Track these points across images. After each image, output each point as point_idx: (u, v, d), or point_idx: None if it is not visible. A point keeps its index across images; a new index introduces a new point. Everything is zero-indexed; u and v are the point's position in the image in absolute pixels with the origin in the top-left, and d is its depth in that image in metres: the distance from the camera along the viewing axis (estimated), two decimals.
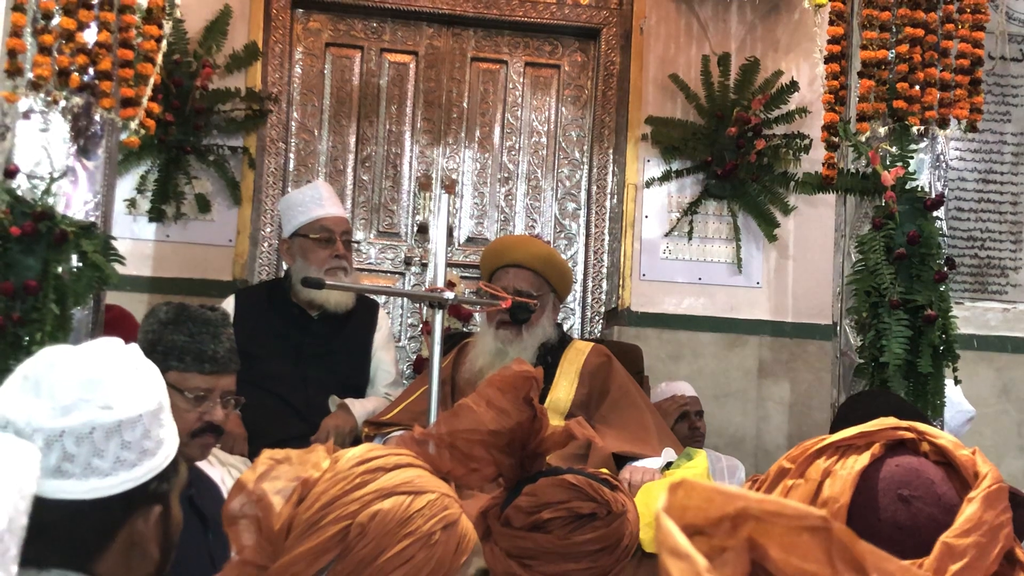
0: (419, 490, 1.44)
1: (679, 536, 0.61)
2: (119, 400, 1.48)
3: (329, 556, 1.37)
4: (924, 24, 3.41)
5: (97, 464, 1.44)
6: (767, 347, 4.84)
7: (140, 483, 1.49)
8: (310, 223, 3.80)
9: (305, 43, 5.04)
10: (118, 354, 1.54)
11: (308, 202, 3.86)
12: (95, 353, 1.52)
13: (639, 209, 4.86)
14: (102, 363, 1.50)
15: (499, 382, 1.69)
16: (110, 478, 1.46)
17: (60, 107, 3.15)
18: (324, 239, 3.77)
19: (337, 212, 3.88)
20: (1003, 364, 4.87)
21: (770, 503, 0.64)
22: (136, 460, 1.48)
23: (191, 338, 2.39)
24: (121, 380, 1.50)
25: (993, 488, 1.22)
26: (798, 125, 4.83)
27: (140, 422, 1.49)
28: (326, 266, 3.72)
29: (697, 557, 0.60)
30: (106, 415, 1.46)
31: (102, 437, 1.45)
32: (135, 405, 1.49)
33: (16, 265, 3.01)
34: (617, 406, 3.34)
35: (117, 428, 1.46)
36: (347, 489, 1.40)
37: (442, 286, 2.84)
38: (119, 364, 1.52)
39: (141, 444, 1.49)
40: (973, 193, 4.95)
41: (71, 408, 1.44)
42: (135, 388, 1.51)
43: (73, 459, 1.43)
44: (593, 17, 5.11)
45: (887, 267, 3.29)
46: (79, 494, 1.43)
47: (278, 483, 1.42)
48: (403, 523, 1.40)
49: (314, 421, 3.57)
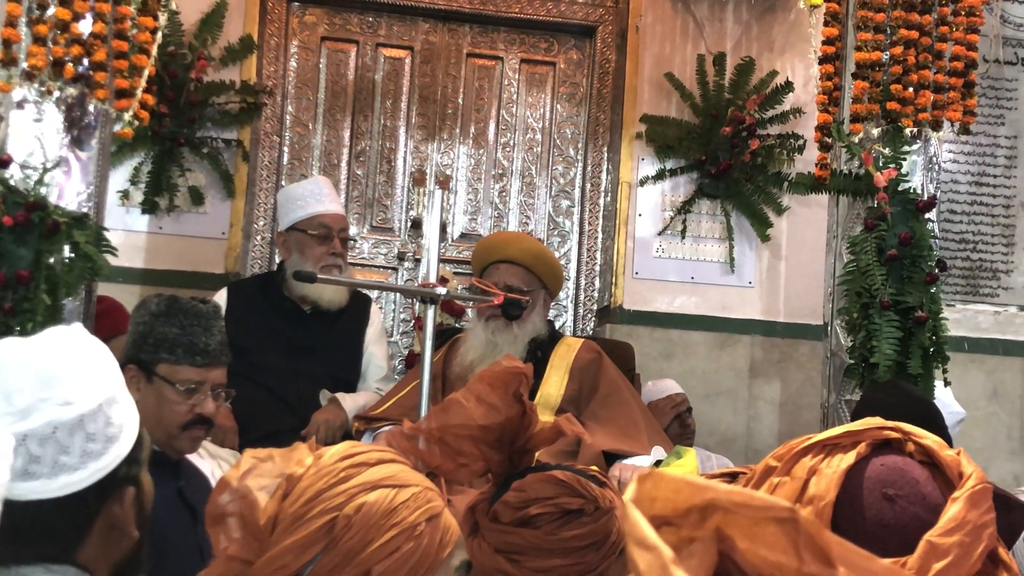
0: (403, 483, 1.45)
1: (646, 527, 0.62)
2: (77, 394, 1.45)
3: (315, 549, 1.37)
4: (919, 26, 3.42)
5: (64, 461, 1.43)
6: (759, 347, 4.85)
7: (110, 471, 1.48)
8: (309, 218, 3.79)
9: (300, 37, 5.04)
10: (69, 344, 1.50)
11: (308, 197, 3.85)
12: (46, 347, 1.48)
13: (633, 207, 4.87)
14: (55, 357, 1.46)
15: (489, 378, 1.70)
16: (80, 472, 1.44)
17: (54, 97, 3.14)
18: (322, 236, 3.76)
19: (336, 209, 3.88)
20: (994, 367, 4.89)
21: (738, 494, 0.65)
22: (102, 449, 1.47)
23: (183, 331, 2.39)
24: (76, 372, 1.47)
25: (977, 488, 1.23)
26: (792, 125, 4.84)
27: (100, 412, 1.47)
28: (322, 263, 3.71)
29: (664, 548, 0.61)
30: (66, 411, 1.43)
31: (65, 434, 1.43)
32: (93, 395, 1.47)
33: (8, 255, 3.01)
34: (607, 403, 3.35)
35: (79, 422, 1.44)
36: (332, 483, 1.41)
37: (435, 281, 2.85)
38: (72, 355, 1.49)
39: (105, 432, 1.47)
40: (966, 196, 4.96)
41: (30, 410, 1.41)
42: (91, 378, 1.48)
43: (39, 460, 1.41)
44: (589, 15, 5.11)
45: (879, 268, 3.30)
46: (51, 492, 1.42)
47: (262, 480, 1.42)
48: (388, 515, 1.40)
49: (305, 415, 3.57)
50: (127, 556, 1.54)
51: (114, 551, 1.51)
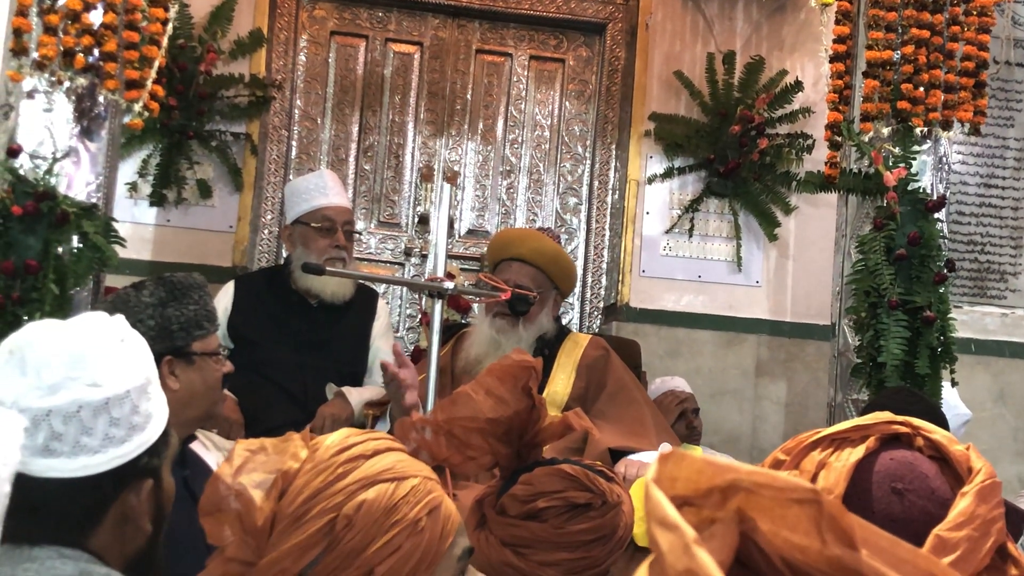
0: (401, 476, 1.43)
1: (668, 507, 0.61)
2: (106, 377, 1.45)
3: (317, 550, 1.36)
4: (930, 26, 3.42)
5: (86, 442, 1.43)
6: (765, 346, 4.85)
7: (130, 459, 1.48)
8: (312, 211, 3.79)
9: (310, 31, 5.04)
10: (104, 328, 1.51)
11: (312, 190, 3.85)
12: (81, 328, 1.49)
13: (640, 205, 4.86)
14: (88, 339, 1.47)
15: (498, 371, 1.70)
16: (99, 455, 1.44)
17: (64, 88, 3.15)
18: (326, 228, 3.76)
19: (340, 202, 3.86)
20: (1000, 369, 4.88)
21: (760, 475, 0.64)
22: (125, 436, 1.47)
23: (199, 304, 2.39)
24: (107, 355, 1.47)
25: (987, 483, 1.22)
26: (801, 125, 4.83)
27: (128, 398, 1.47)
28: (325, 255, 3.70)
29: (686, 528, 0.61)
30: (93, 393, 1.43)
31: (90, 415, 1.43)
32: (122, 381, 1.47)
33: (17, 244, 3.02)
34: (614, 400, 3.34)
35: (105, 405, 1.44)
36: (329, 480, 1.39)
37: (442, 276, 2.84)
38: (105, 339, 1.49)
39: (130, 420, 1.47)
40: (974, 197, 4.95)
41: (57, 387, 1.42)
42: (122, 363, 1.49)
43: (61, 438, 1.41)
44: (599, 12, 5.11)
45: (887, 268, 3.30)
46: (69, 472, 1.42)
47: (256, 476, 1.40)
48: (389, 512, 1.38)
49: (311, 408, 3.57)
50: (141, 551, 1.53)
51: (127, 544, 1.51)
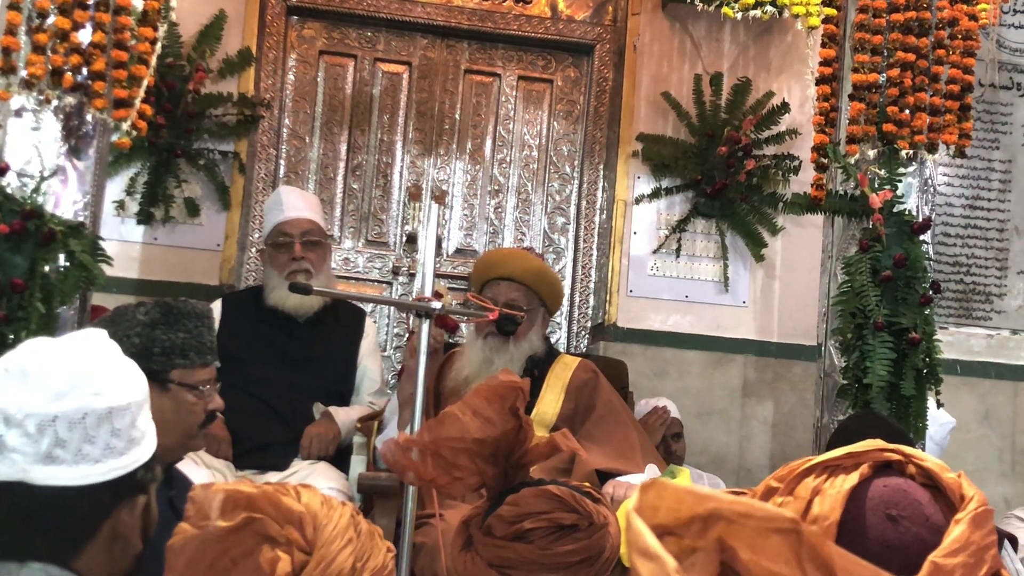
0: None
1: (649, 536, 0.61)
2: (109, 387, 1.49)
3: None
4: (916, 49, 3.44)
5: (88, 450, 1.45)
6: (752, 366, 4.85)
7: (128, 471, 1.50)
8: (271, 231, 3.79)
9: (299, 50, 5.05)
10: (103, 344, 1.56)
11: (271, 209, 3.84)
12: (82, 343, 1.54)
13: (628, 225, 4.87)
14: (91, 352, 1.52)
15: (486, 391, 1.70)
16: (100, 465, 1.46)
17: (52, 106, 3.15)
18: (282, 244, 3.74)
19: (295, 214, 3.77)
20: (986, 390, 4.89)
21: (740, 504, 0.64)
22: (124, 448, 1.50)
23: (190, 333, 2.37)
24: (109, 369, 1.52)
25: (980, 510, 1.23)
26: (788, 146, 4.86)
27: (128, 410, 1.51)
28: (286, 270, 3.68)
29: (667, 558, 0.60)
30: (98, 401, 1.47)
31: (94, 423, 1.46)
32: (124, 393, 1.51)
33: (3, 263, 3.01)
34: (602, 422, 3.34)
35: (108, 415, 1.47)
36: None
37: (429, 296, 2.84)
38: (106, 353, 1.54)
39: (129, 432, 1.51)
40: (960, 219, 4.98)
41: (65, 393, 1.44)
42: (123, 377, 1.53)
43: (65, 445, 1.44)
44: (587, 33, 5.13)
45: (873, 289, 3.31)
46: (69, 480, 1.44)
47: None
48: None
49: (298, 426, 3.56)
50: (128, 572, 1.54)
51: (115, 563, 1.51)
